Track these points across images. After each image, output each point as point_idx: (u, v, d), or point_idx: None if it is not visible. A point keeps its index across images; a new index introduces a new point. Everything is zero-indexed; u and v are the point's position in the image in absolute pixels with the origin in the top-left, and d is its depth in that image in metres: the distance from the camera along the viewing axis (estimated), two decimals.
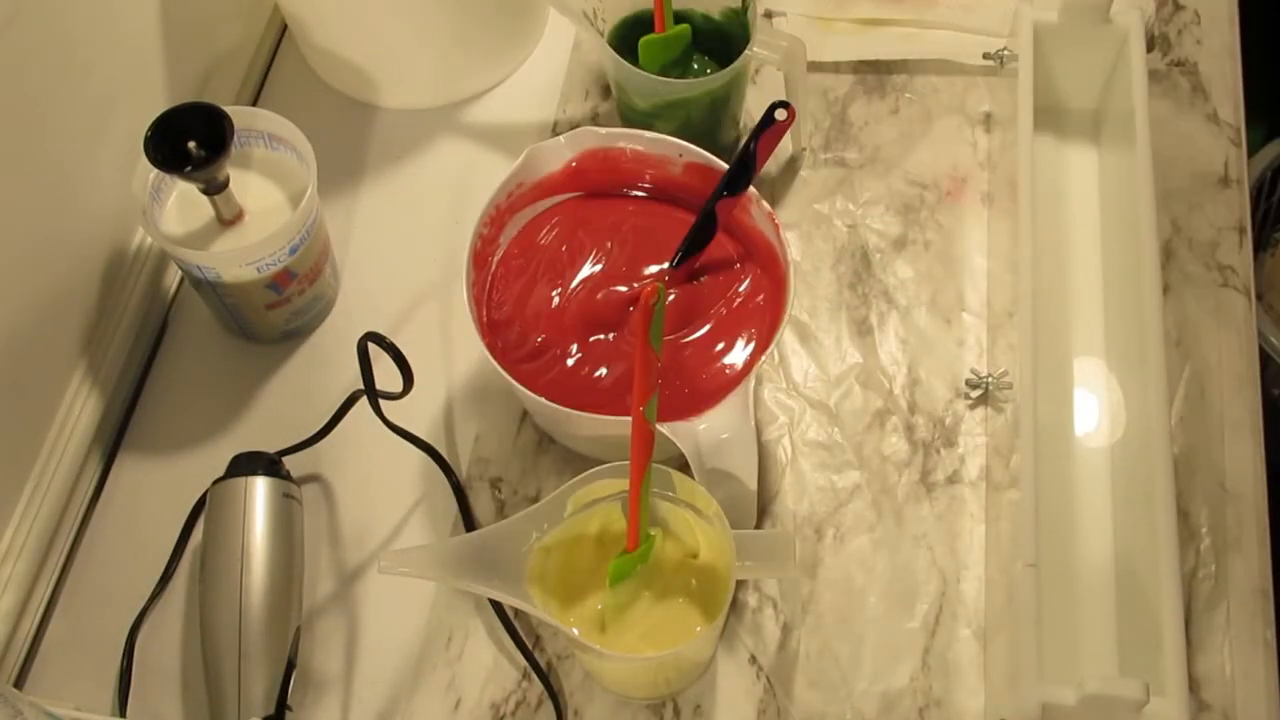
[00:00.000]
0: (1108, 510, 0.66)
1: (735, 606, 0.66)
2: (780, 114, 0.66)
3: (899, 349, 0.73)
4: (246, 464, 0.66)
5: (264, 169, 0.71)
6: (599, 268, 0.68)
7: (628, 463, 0.54)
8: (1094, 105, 0.78)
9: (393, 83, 0.82)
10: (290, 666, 0.62)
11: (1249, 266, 0.74)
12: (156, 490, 0.71)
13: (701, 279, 0.68)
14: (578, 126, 0.73)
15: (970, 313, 0.74)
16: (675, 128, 0.74)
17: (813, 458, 0.70)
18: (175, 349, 0.75)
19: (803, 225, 0.77)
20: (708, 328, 0.66)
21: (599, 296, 0.67)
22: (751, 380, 0.61)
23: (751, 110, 0.81)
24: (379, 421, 0.66)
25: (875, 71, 0.83)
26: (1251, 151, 1.20)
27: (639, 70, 0.72)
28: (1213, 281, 0.74)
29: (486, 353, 0.62)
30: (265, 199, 0.70)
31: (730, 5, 0.74)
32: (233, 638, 0.61)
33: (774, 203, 0.78)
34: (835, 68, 0.83)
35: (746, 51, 0.72)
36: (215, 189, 0.67)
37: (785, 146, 0.78)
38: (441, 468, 0.69)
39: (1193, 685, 0.62)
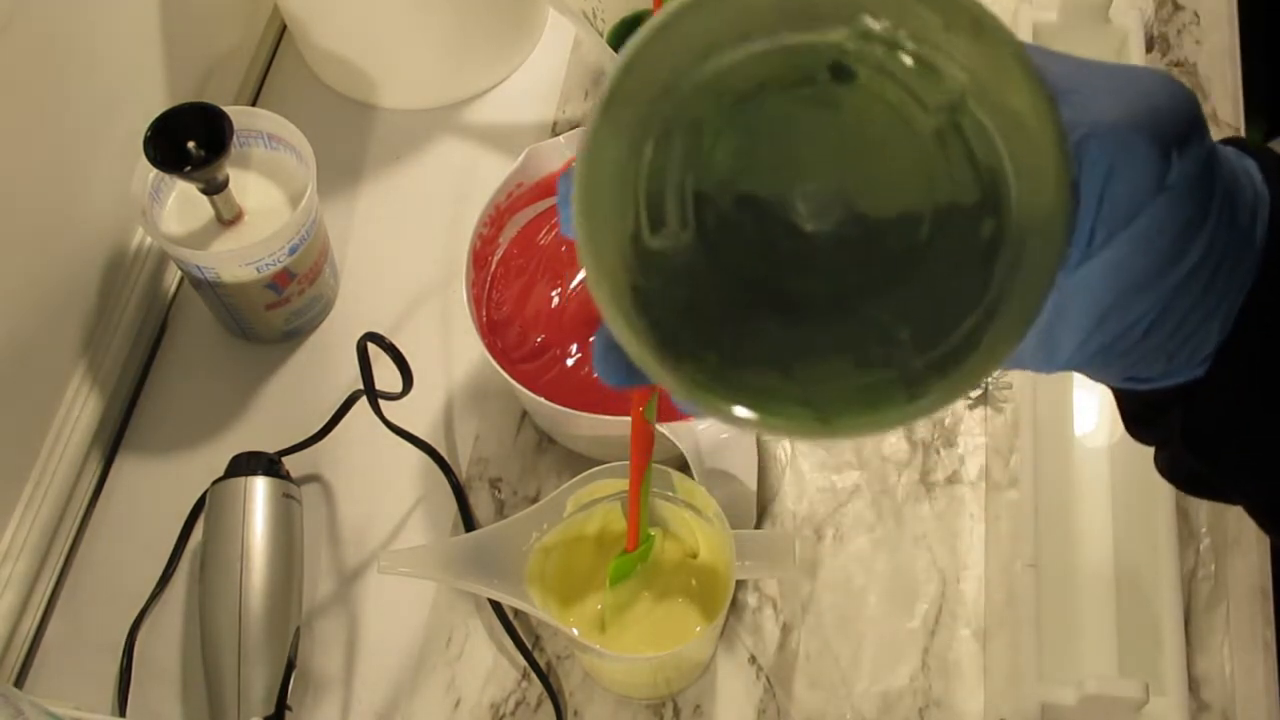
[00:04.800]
0: (1108, 510, 0.66)
1: (735, 606, 0.66)
2: None
3: None
4: (246, 464, 0.66)
5: (264, 169, 0.71)
6: None
7: (628, 463, 0.54)
8: None
9: (392, 83, 0.82)
10: (290, 666, 0.62)
11: None
12: (156, 490, 0.71)
13: None
14: (578, 126, 0.73)
15: None
16: None
17: (812, 458, 0.70)
18: (175, 349, 0.75)
19: None
20: None
21: None
22: None
23: None
24: (379, 421, 0.66)
25: None
26: None
27: None
28: None
29: (486, 353, 0.62)
30: (265, 199, 0.70)
31: None
32: (233, 638, 0.61)
33: None
34: None
35: None
36: (215, 189, 0.67)
37: None
38: (441, 468, 0.69)
39: (1193, 685, 0.62)
